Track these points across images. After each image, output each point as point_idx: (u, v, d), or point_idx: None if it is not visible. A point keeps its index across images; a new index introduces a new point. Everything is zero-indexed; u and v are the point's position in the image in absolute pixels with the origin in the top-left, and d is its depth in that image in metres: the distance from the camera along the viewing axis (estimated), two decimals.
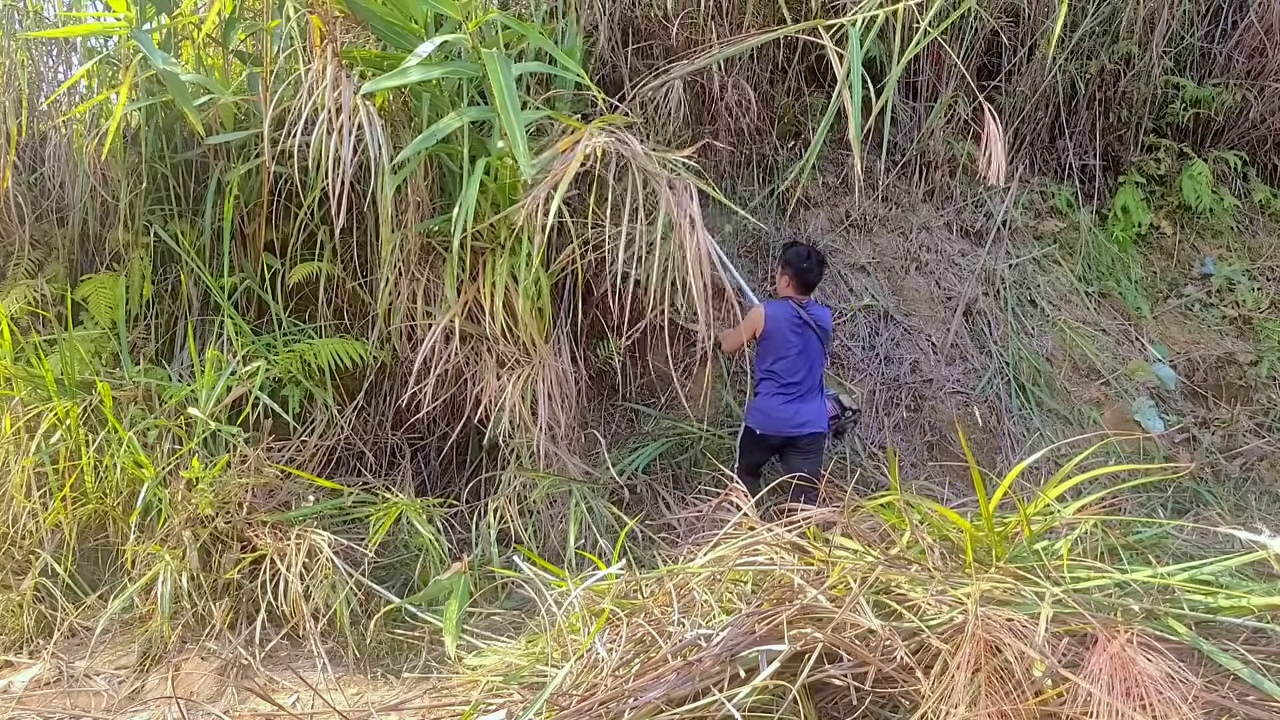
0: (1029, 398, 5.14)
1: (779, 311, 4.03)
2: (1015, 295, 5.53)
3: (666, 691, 2.06)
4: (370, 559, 3.53)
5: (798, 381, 4.00)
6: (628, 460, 4.43)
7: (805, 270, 4.09)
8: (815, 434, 4.02)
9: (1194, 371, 5.56)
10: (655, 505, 4.31)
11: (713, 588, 2.40)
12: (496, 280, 3.70)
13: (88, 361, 4.06)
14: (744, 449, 4.14)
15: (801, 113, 5.62)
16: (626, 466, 4.38)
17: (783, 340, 4.00)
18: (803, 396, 4.02)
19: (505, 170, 3.70)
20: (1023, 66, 5.83)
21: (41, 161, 4.64)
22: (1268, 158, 6.27)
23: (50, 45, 4.73)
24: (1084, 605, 2.12)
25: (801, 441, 4.00)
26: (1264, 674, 1.97)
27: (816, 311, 4.11)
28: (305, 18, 3.67)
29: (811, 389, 4.06)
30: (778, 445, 4.05)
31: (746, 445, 4.12)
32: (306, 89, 3.51)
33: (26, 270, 4.48)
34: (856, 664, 2.07)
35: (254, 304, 4.43)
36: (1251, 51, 5.98)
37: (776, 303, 4.11)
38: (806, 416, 4.00)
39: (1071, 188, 6.03)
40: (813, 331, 4.03)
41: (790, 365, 4.00)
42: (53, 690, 3.12)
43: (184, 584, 3.29)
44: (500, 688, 2.55)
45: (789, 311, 4.03)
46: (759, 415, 4.04)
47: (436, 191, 4.14)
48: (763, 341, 4.05)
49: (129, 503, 3.60)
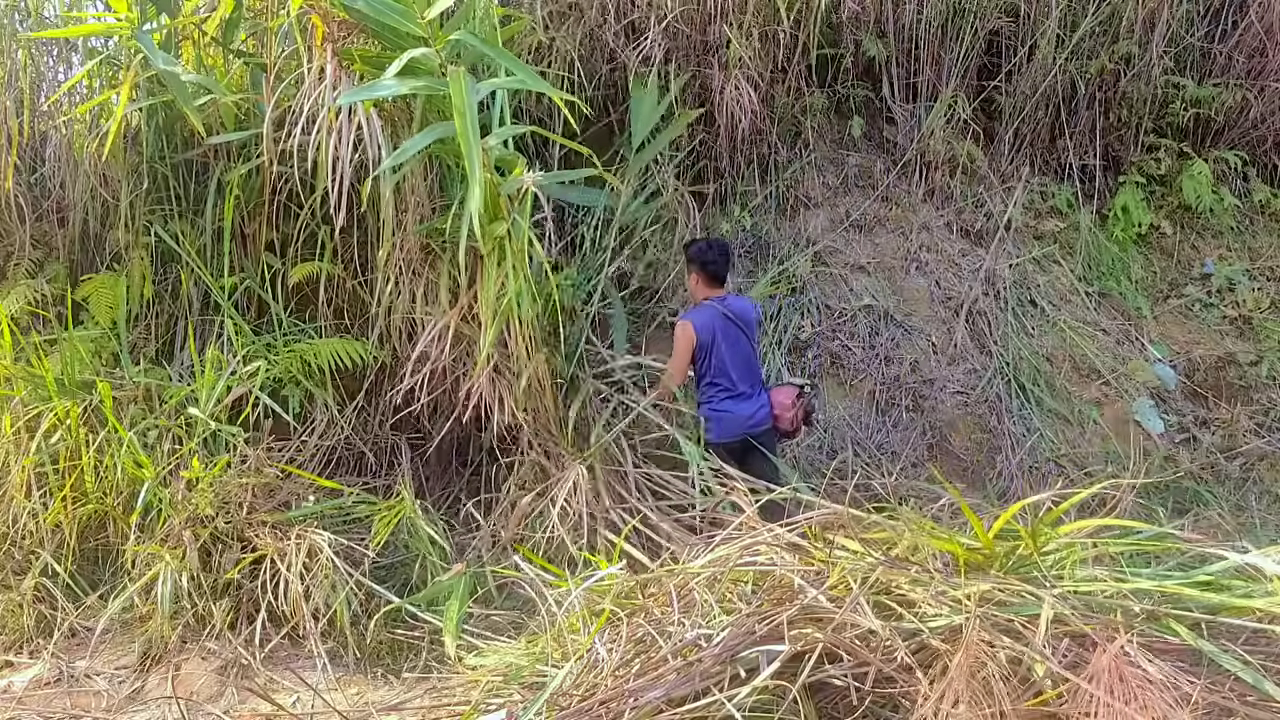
0: (1029, 398, 5.13)
1: (704, 317, 3.92)
2: (1015, 295, 5.53)
3: (666, 691, 2.06)
4: (370, 559, 3.54)
5: (742, 379, 3.93)
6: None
7: (710, 263, 3.97)
8: (769, 429, 3.97)
9: (1194, 371, 5.56)
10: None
11: (713, 588, 2.40)
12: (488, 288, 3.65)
13: (88, 361, 4.06)
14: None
15: (801, 113, 5.62)
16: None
17: (716, 344, 3.90)
18: (751, 394, 3.95)
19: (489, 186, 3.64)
20: (1023, 66, 5.83)
21: (42, 161, 4.65)
22: (1268, 158, 6.26)
23: (51, 45, 4.73)
24: (1084, 607, 2.12)
25: (760, 438, 3.92)
26: (1264, 674, 1.97)
27: (735, 305, 4.00)
28: (307, 17, 3.67)
29: (755, 384, 3.99)
30: (739, 449, 3.93)
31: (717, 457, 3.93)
32: (308, 87, 3.51)
33: (27, 270, 4.48)
34: (857, 664, 2.07)
35: (254, 304, 4.44)
36: (1251, 51, 5.98)
37: (697, 310, 3.98)
38: (760, 413, 3.93)
39: (1071, 188, 6.03)
40: (736, 326, 3.93)
41: (729, 366, 3.90)
42: (53, 690, 3.12)
43: (184, 584, 3.29)
44: (500, 688, 2.55)
45: (712, 313, 3.93)
46: (714, 425, 3.94)
47: (436, 191, 4.14)
48: (698, 352, 3.93)
49: (129, 503, 3.61)
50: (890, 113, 5.89)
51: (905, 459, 4.79)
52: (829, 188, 5.66)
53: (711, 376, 3.93)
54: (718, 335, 3.89)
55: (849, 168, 5.74)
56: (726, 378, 3.90)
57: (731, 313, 3.93)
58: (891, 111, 5.88)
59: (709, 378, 3.94)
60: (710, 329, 3.89)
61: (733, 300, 4.03)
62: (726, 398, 3.92)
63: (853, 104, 5.85)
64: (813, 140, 5.64)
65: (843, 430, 4.85)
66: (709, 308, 3.95)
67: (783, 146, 5.56)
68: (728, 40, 4.95)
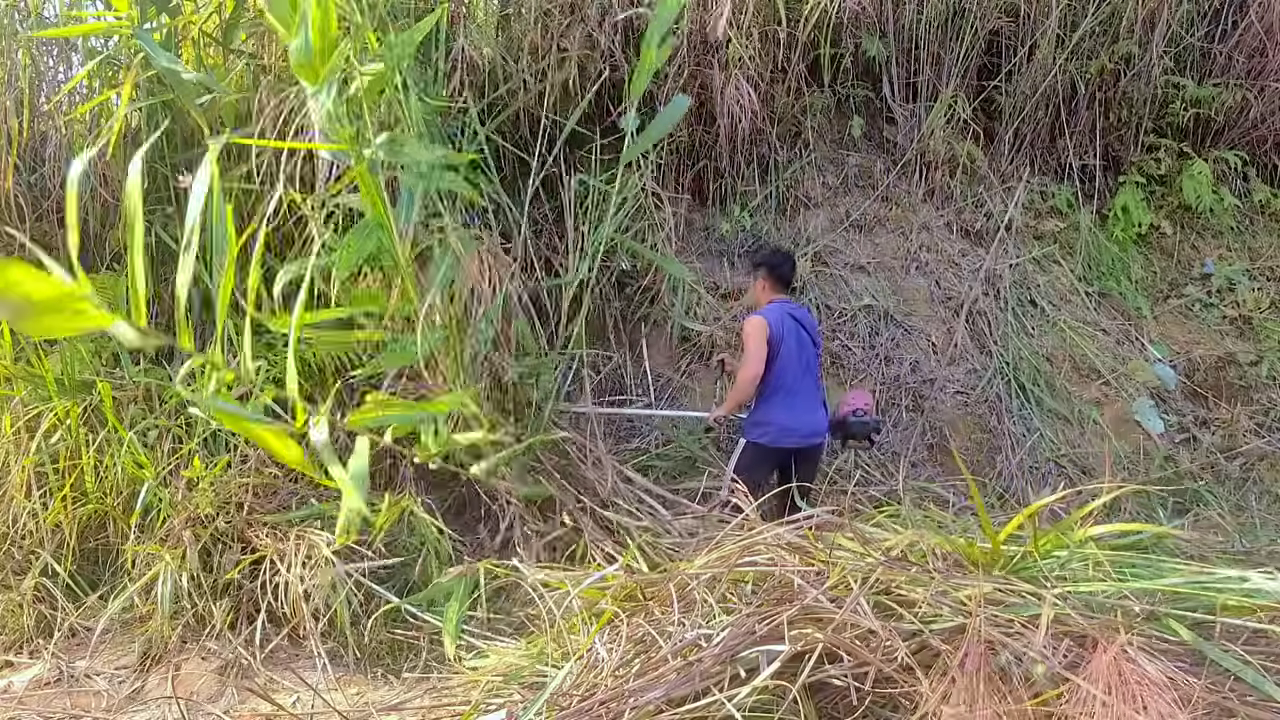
0: (1029, 398, 5.13)
1: (777, 315, 3.82)
2: (1015, 295, 5.53)
3: (666, 691, 2.06)
4: (371, 560, 3.53)
5: (807, 387, 3.83)
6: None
7: (779, 265, 3.98)
8: (823, 442, 3.90)
9: (1194, 371, 5.56)
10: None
11: (713, 588, 2.40)
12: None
13: (88, 361, 4.06)
14: (750, 466, 3.78)
15: (801, 113, 5.62)
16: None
17: (786, 343, 3.78)
18: (814, 403, 3.85)
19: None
20: (1023, 66, 5.83)
21: (42, 162, 4.64)
22: (1268, 158, 6.27)
23: (51, 45, 4.72)
24: (1085, 607, 2.12)
25: (813, 451, 3.84)
26: (1264, 675, 1.97)
27: (800, 312, 3.96)
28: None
29: (817, 393, 3.92)
30: (786, 458, 3.81)
31: (753, 462, 3.79)
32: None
33: None
34: (857, 664, 2.07)
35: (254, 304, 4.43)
36: (1251, 51, 5.98)
37: (771, 307, 3.89)
38: (821, 424, 3.84)
39: (1071, 188, 6.03)
40: (805, 330, 3.89)
41: (797, 370, 3.79)
42: (53, 690, 3.12)
43: (184, 584, 3.29)
44: (500, 688, 2.55)
45: (783, 313, 3.84)
46: (772, 428, 3.76)
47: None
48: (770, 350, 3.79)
49: (129, 503, 3.61)
50: (890, 113, 5.89)
51: (905, 459, 4.79)
52: (829, 188, 5.66)
53: (774, 375, 3.77)
54: (788, 336, 3.79)
55: (849, 168, 5.74)
56: (790, 381, 3.77)
57: (798, 317, 3.89)
58: (891, 111, 5.88)
59: (772, 377, 3.77)
60: (782, 326, 3.79)
61: (797, 308, 3.97)
62: (786, 403, 3.77)
63: (853, 104, 5.86)
64: (813, 140, 5.64)
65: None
66: (780, 306, 3.89)
67: (783, 146, 5.56)
68: (728, 40, 4.95)
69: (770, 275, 3.99)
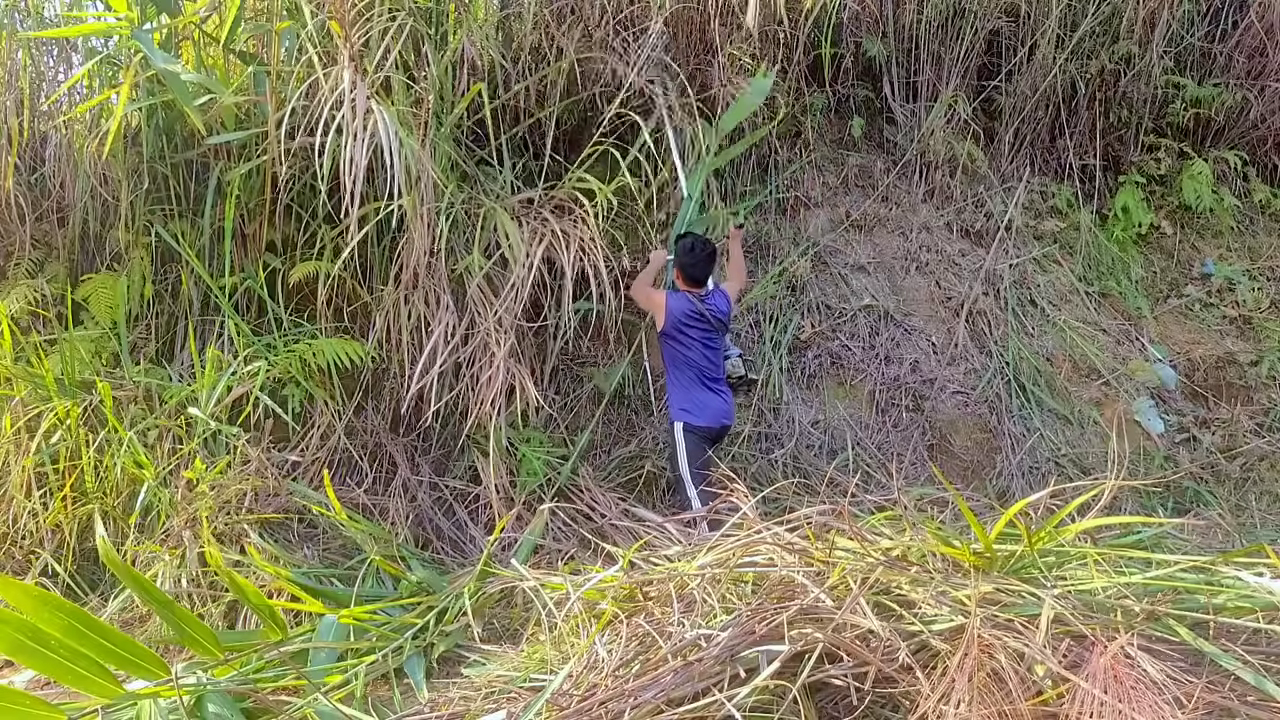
0: (1029, 398, 5.13)
1: (679, 305, 4.02)
2: (1015, 295, 5.53)
3: (666, 691, 2.06)
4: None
5: (718, 370, 4.07)
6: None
7: (692, 266, 4.07)
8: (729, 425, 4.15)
9: (1194, 371, 5.56)
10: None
11: (713, 588, 2.40)
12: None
13: (88, 361, 4.06)
14: (689, 450, 3.91)
15: (801, 113, 5.62)
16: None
17: (687, 334, 4.00)
18: (724, 388, 4.09)
19: None
20: (1023, 66, 5.83)
21: (42, 161, 4.64)
22: (1268, 158, 6.27)
23: (51, 45, 4.72)
24: (1085, 607, 2.12)
25: (723, 434, 4.10)
26: (1264, 675, 1.97)
27: (710, 300, 4.10)
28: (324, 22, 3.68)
29: (724, 379, 4.13)
30: (711, 439, 4.05)
31: (690, 443, 3.92)
32: (328, 89, 3.51)
33: (27, 270, 4.48)
34: (857, 664, 2.07)
35: (254, 304, 4.43)
36: (1251, 51, 5.98)
37: (677, 295, 4.08)
38: (730, 406, 4.09)
39: (1071, 188, 6.03)
40: (709, 323, 4.04)
41: (706, 356, 4.02)
42: (53, 690, 3.11)
43: (184, 584, 3.29)
44: (500, 689, 2.55)
45: (687, 305, 4.02)
46: (695, 407, 3.97)
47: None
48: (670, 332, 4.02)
49: (129, 503, 3.60)
50: (890, 112, 5.89)
51: (905, 459, 4.79)
52: (829, 188, 5.66)
53: (689, 365, 4.00)
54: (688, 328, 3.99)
55: (849, 168, 5.74)
56: (701, 365, 4.01)
57: (706, 307, 4.04)
58: (891, 111, 5.88)
59: (683, 367, 4.01)
60: (679, 312, 4.00)
61: (708, 296, 4.12)
62: (700, 384, 4.00)
63: (853, 104, 5.85)
64: (813, 140, 5.64)
65: (843, 430, 4.84)
66: (682, 298, 4.06)
67: (783, 146, 5.56)
68: (729, 37, 4.95)
69: (682, 273, 4.12)
